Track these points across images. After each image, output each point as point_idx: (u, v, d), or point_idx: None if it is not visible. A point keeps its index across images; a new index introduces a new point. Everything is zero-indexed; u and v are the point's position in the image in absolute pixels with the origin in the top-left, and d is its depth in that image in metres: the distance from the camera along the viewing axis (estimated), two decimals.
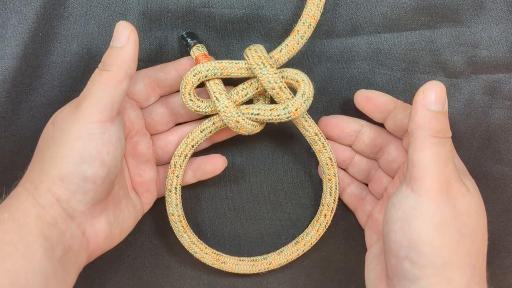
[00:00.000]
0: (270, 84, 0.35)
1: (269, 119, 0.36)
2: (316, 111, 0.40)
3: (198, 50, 0.36)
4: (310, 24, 0.35)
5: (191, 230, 0.40)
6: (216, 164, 0.40)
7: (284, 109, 0.35)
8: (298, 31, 0.35)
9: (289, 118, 0.35)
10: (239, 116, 0.36)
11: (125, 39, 0.34)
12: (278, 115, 0.36)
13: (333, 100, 0.41)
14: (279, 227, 0.42)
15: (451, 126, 0.37)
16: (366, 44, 0.39)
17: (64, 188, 0.33)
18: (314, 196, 0.42)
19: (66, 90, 0.39)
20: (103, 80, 0.34)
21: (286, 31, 0.38)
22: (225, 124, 0.37)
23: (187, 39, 0.37)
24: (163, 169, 0.40)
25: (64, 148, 0.33)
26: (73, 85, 0.39)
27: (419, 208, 0.32)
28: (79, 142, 0.33)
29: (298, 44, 0.36)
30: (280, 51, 0.36)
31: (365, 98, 0.38)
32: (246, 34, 0.39)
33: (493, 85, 0.40)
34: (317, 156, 0.39)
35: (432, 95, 0.33)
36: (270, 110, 0.36)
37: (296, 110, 0.35)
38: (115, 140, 0.34)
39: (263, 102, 0.38)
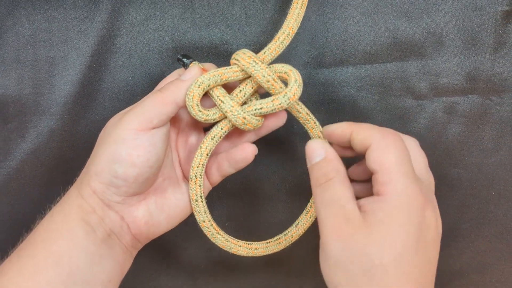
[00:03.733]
0: (264, 78, 0.36)
1: (272, 109, 0.37)
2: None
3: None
4: (289, 33, 0.37)
5: (222, 230, 0.40)
6: (245, 151, 0.38)
7: (283, 97, 0.36)
8: (279, 37, 0.37)
9: (289, 104, 0.37)
10: (245, 113, 0.37)
11: (189, 77, 0.36)
12: (280, 104, 0.36)
13: (325, 118, 0.43)
14: (292, 215, 0.43)
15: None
16: (351, 73, 0.43)
17: (99, 182, 0.34)
18: None
19: (115, 110, 0.41)
20: (152, 97, 0.35)
21: (287, 61, 0.40)
22: (232, 126, 0.38)
23: (183, 59, 0.39)
24: (212, 159, 0.40)
25: (103, 148, 0.35)
26: (121, 106, 0.41)
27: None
28: (113, 144, 0.34)
29: (278, 48, 0.37)
30: (264, 53, 0.37)
31: (329, 134, 0.37)
32: None
33: (451, 105, 0.43)
34: (310, 132, 0.40)
35: (309, 153, 0.34)
36: (272, 101, 0.37)
37: (294, 95, 0.36)
38: (148, 145, 0.34)
39: (256, 99, 0.39)
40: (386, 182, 0.31)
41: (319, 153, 0.34)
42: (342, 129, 0.36)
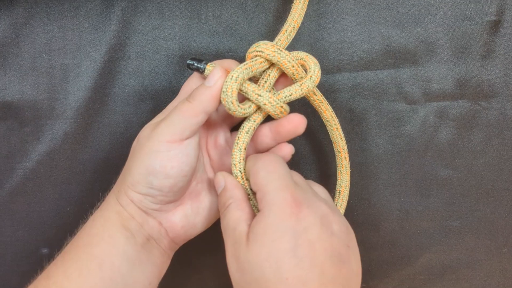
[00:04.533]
0: (290, 64, 0.36)
1: (300, 94, 0.37)
2: (311, 130, 0.44)
3: (213, 67, 0.36)
4: (294, 27, 0.38)
5: None
6: (293, 122, 0.37)
7: (309, 80, 0.36)
8: (286, 30, 0.37)
9: (314, 86, 0.37)
10: (280, 101, 0.37)
11: (213, 81, 0.34)
12: (307, 88, 0.36)
13: (323, 121, 0.42)
14: None
15: (410, 142, 0.42)
16: (347, 79, 0.43)
17: (136, 192, 0.35)
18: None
19: (125, 114, 0.43)
20: (182, 109, 0.34)
21: None
22: (263, 118, 0.37)
23: (195, 63, 0.37)
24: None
25: (137, 161, 0.34)
26: (130, 109, 0.43)
27: None
28: (147, 157, 0.34)
29: (287, 39, 0.37)
30: (276, 43, 0.37)
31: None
32: None
33: (442, 110, 0.44)
34: (324, 114, 0.40)
35: (215, 186, 0.36)
36: (300, 86, 0.36)
37: (318, 78, 0.37)
38: (181, 156, 0.34)
39: (273, 89, 0.38)
40: (261, 198, 0.32)
41: (220, 184, 0.35)
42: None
